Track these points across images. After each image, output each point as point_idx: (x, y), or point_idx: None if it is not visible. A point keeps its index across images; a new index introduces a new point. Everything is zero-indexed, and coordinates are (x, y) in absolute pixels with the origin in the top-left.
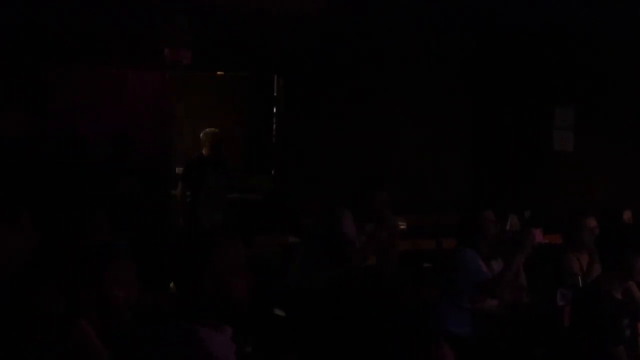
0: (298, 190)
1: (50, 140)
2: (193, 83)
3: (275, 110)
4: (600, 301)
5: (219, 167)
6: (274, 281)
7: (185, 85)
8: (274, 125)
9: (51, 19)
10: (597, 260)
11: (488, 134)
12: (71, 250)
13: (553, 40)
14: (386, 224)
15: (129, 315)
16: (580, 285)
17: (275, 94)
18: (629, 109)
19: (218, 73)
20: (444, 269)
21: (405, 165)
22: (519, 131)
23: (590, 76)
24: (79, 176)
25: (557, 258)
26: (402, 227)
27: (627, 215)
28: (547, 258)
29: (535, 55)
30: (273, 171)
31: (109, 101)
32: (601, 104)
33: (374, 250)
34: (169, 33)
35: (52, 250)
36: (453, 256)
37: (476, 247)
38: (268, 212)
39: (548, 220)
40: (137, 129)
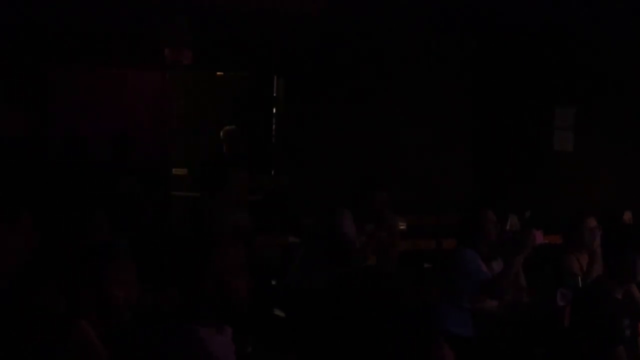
0: (298, 190)
1: (51, 140)
2: (193, 83)
3: (275, 110)
4: (600, 301)
5: (239, 165)
6: (274, 281)
7: (185, 85)
8: (274, 125)
9: (51, 19)
10: (597, 261)
11: (488, 134)
12: (71, 250)
13: (553, 40)
14: (386, 224)
15: (129, 315)
16: (580, 285)
17: (275, 94)
18: (629, 109)
19: (218, 73)
20: (444, 269)
21: (405, 165)
22: (519, 131)
23: (590, 76)
24: (79, 176)
25: (557, 258)
26: (402, 227)
27: (628, 216)
28: (547, 258)
29: (535, 55)
30: (273, 171)
31: (109, 101)
32: (601, 104)
33: (374, 250)
34: (169, 33)
35: (52, 250)
36: (453, 256)
37: (476, 248)
38: (268, 212)
39: (548, 220)
40: (137, 129)
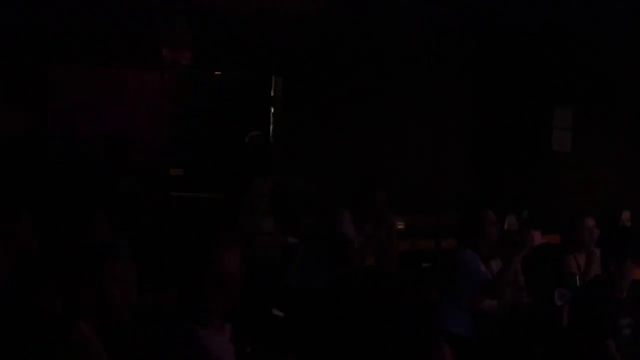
0: (297, 191)
1: (50, 139)
2: (192, 83)
3: (273, 110)
4: (598, 300)
5: (262, 171)
6: (274, 281)
7: (183, 85)
8: (272, 125)
9: (51, 19)
10: (595, 260)
11: (487, 133)
12: (71, 250)
13: (553, 40)
14: (385, 224)
15: (129, 315)
16: (578, 284)
17: (273, 94)
18: (628, 109)
19: (216, 73)
20: (444, 269)
21: (405, 165)
22: (518, 131)
23: (590, 76)
24: (79, 176)
25: (556, 258)
26: (400, 227)
27: (626, 216)
28: (546, 258)
29: (535, 55)
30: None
31: (108, 101)
32: (600, 104)
33: (373, 250)
34: (169, 33)
35: (52, 250)
36: (453, 256)
37: (476, 248)
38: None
39: (547, 220)
40: (137, 129)
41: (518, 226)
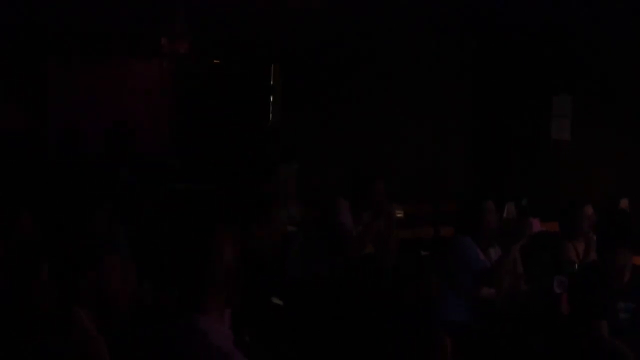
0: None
1: (51, 131)
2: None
3: (272, 99)
4: (591, 282)
5: (288, 159)
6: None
7: (182, 75)
8: (270, 115)
9: (49, 13)
10: (594, 248)
11: (486, 122)
12: (71, 247)
13: (553, 41)
14: (384, 213)
15: (129, 313)
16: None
17: (272, 82)
18: (627, 98)
19: (215, 61)
20: (443, 256)
21: (404, 154)
22: (517, 119)
23: (589, 70)
24: (79, 172)
25: (555, 246)
26: (400, 216)
27: (625, 204)
28: (545, 246)
29: (535, 56)
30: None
31: (108, 94)
32: (599, 92)
33: (372, 240)
34: (167, 23)
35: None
36: (451, 244)
37: (474, 236)
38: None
39: (545, 208)
40: (137, 120)
41: (517, 214)
